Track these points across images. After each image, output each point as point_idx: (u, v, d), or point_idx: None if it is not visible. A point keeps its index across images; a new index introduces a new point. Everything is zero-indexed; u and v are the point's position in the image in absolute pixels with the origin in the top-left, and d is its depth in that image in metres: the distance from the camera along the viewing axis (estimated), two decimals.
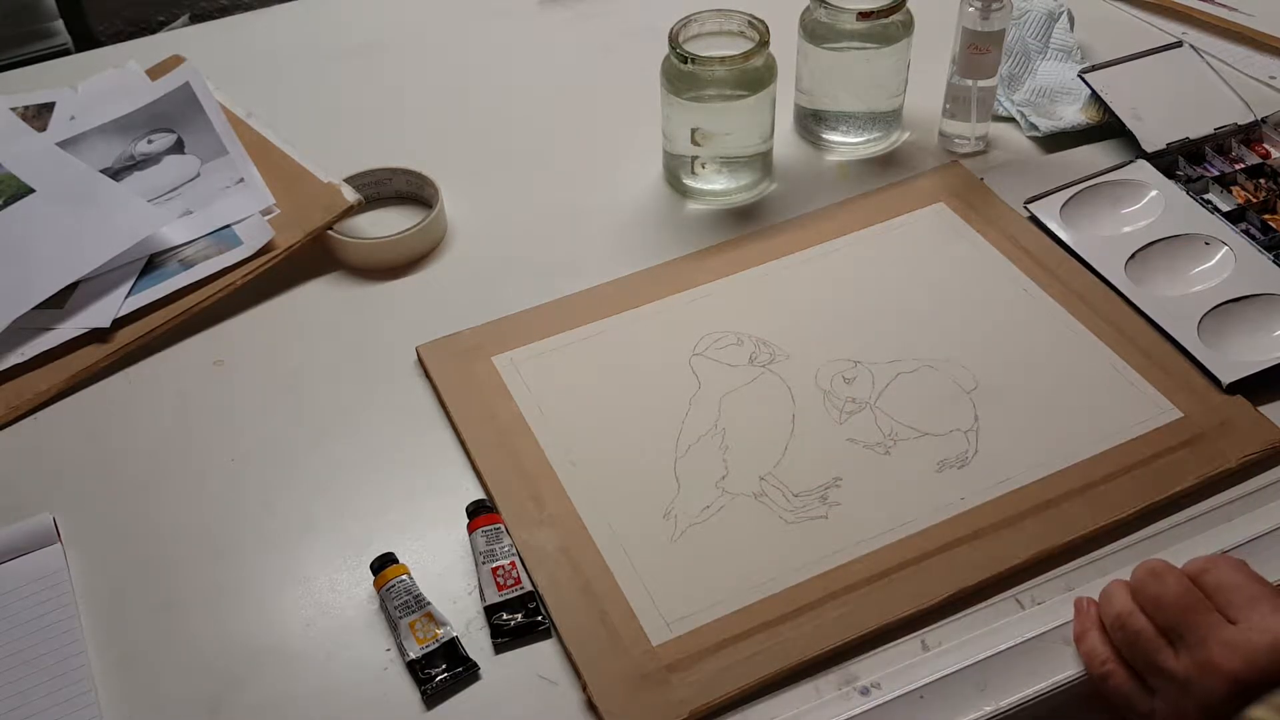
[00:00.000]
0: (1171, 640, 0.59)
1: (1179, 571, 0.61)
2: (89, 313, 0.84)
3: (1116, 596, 0.62)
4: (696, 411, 0.76)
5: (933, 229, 0.89)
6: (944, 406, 0.76)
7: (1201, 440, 0.72)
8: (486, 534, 0.69)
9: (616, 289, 0.85)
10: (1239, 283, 0.82)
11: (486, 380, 0.79)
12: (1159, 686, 0.59)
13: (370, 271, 0.89)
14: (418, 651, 0.64)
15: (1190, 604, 0.59)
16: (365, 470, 0.75)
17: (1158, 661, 0.59)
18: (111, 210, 0.90)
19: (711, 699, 0.62)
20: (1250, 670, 0.56)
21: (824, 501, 0.71)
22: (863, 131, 0.96)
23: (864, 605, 0.65)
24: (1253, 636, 0.57)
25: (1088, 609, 0.63)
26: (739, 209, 0.93)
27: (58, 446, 0.78)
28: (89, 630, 0.68)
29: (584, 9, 1.16)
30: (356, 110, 1.05)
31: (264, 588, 0.69)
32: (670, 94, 0.88)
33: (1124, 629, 0.60)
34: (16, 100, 1.03)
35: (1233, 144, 0.94)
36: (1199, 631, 0.58)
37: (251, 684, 0.65)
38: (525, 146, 1.01)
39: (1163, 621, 0.59)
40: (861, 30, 0.90)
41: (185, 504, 0.74)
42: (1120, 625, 0.61)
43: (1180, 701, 0.58)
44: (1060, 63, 1.02)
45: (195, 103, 1.00)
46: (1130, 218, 0.88)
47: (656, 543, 0.69)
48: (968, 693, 0.62)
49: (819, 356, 0.79)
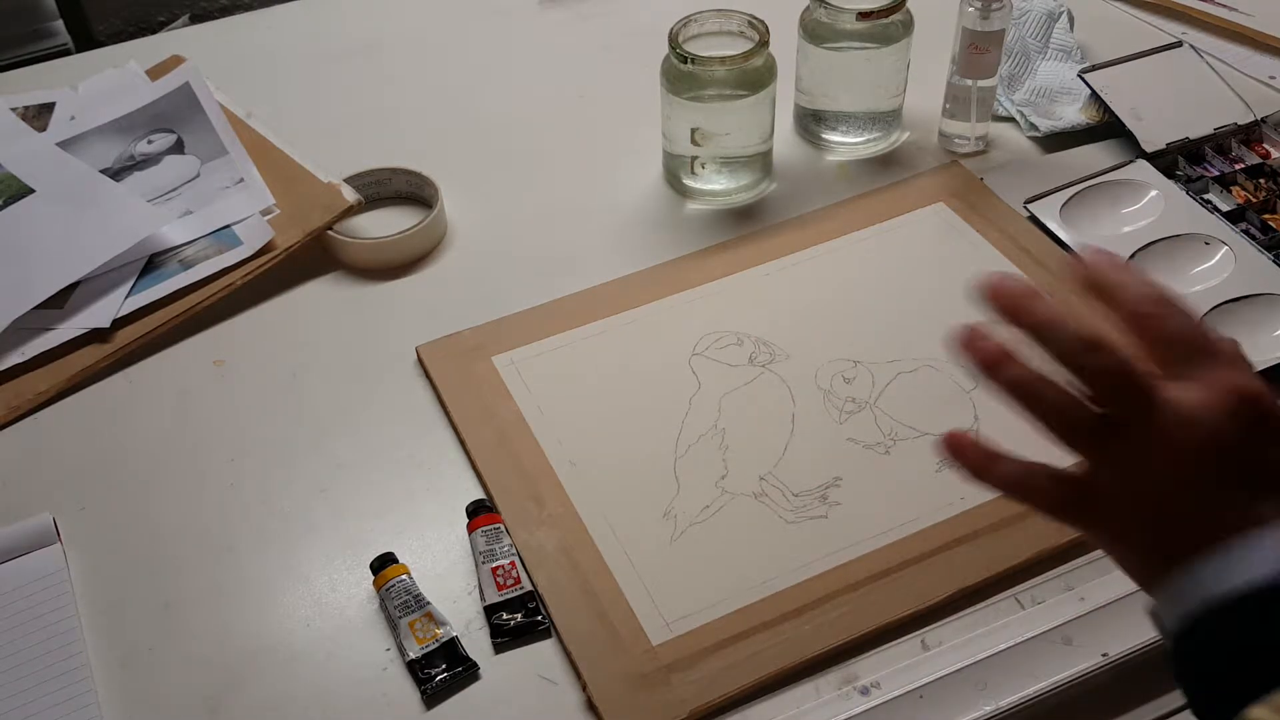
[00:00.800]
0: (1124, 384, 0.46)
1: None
2: (89, 313, 0.84)
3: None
4: (696, 411, 0.76)
5: (933, 229, 0.89)
6: (944, 406, 0.76)
7: None
8: (486, 534, 0.69)
9: (616, 289, 0.85)
10: (1239, 283, 0.82)
11: (486, 380, 0.79)
12: (1117, 440, 0.46)
13: (370, 271, 0.89)
14: (418, 651, 0.64)
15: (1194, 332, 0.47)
16: (365, 470, 0.75)
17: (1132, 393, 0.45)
18: (111, 210, 0.90)
19: (711, 699, 0.62)
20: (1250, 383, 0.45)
21: (824, 501, 0.71)
22: (863, 131, 0.96)
23: (864, 605, 0.65)
24: (1220, 373, 0.46)
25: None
26: (739, 209, 0.93)
27: (58, 446, 0.78)
28: (89, 630, 0.68)
29: (584, 9, 1.16)
30: (356, 110, 1.05)
31: (264, 588, 0.69)
32: (670, 94, 0.88)
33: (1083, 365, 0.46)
34: (16, 100, 1.03)
35: (1233, 144, 0.94)
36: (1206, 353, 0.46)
37: (251, 684, 0.65)
38: (525, 146, 1.01)
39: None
40: (861, 30, 0.90)
41: (185, 504, 0.74)
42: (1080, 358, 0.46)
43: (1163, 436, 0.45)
44: (1060, 63, 1.02)
45: (195, 103, 1.00)
46: (1130, 218, 0.88)
47: (656, 543, 0.69)
48: (968, 692, 0.62)
49: (819, 356, 0.79)
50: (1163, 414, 0.45)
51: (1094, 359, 0.46)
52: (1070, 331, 0.46)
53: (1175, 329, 0.48)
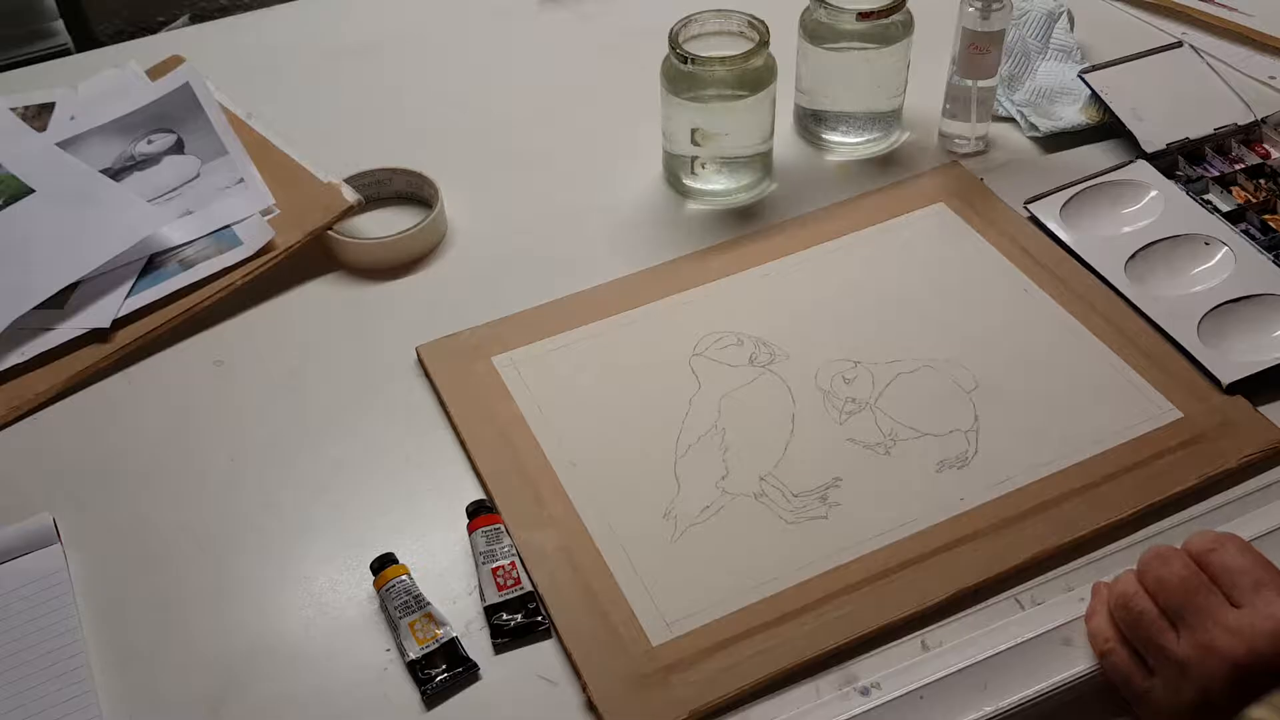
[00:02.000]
0: (1174, 623, 0.59)
1: (1184, 554, 0.61)
2: (89, 313, 0.84)
3: (1123, 579, 0.62)
4: (696, 412, 0.76)
5: (933, 229, 0.89)
6: (944, 406, 0.76)
7: (1201, 440, 0.72)
8: (486, 534, 0.69)
9: (616, 289, 0.85)
10: (1239, 283, 0.82)
11: (486, 380, 0.79)
12: (1158, 667, 0.59)
13: (370, 271, 0.89)
14: (418, 651, 0.64)
15: (1194, 586, 0.59)
16: (365, 470, 0.75)
17: (1159, 642, 0.59)
18: (111, 210, 0.90)
19: (711, 699, 0.62)
20: (1251, 656, 0.55)
21: (824, 501, 0.71)
22: (863, 131, 0.96)
23: (864, 605, 0.65)
24: (1256, 621, 0.56)
25: (1101, 592, 0.64)
26: (739, 209, 0.93)
27: (58, 446, 0.78)
28: (89, 630, 0.68)
29: (584, 9, 1.16)
30: (356, 110, 1.05)
31: (264, 588, 0.69)
32: (670, 94, 0.88)
33: (1127, 609, 0.61)
34: (16, 100, 1.03)
35: (1233, 144, 0.94)
36: (1201, 614, 0.58)
37: (251, 684, 0.65)
38: (525, 146, 1.01)
39: (1165, 603, 0.59)
40: (861, 30, 0.90)
41: (185, 504, 0.74)
42: (1123, 605, 0.61)
43: (1178, 683, 0.57)
44: (1060, 63, 1.02)
45: (195, 103, 1.00)
46: (1130, 218, 0.88)
47: (656, 543, 0.69)
48: (968, 693, 0.62)
49: (819, 356, 0.79)
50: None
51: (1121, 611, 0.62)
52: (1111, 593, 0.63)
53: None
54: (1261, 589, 0.58)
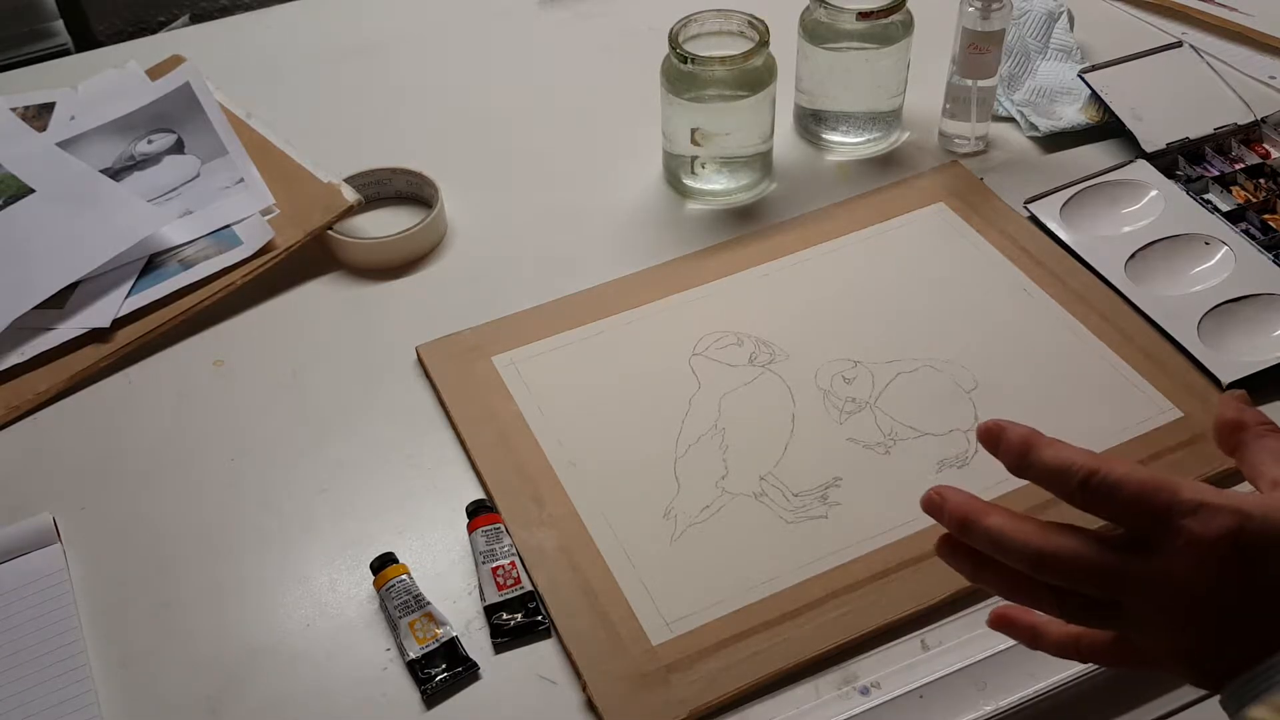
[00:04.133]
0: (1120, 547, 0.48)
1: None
2: (89, 313, 0.84)
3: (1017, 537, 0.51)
4: (696, 411, 0.76)
5: (933, 229, 0.89)
6: (944, 406, 0.76)
7: (1201, 440, 0.72)
8: (486, 534, 0.69)
9: (616, 289, 0.85)
10: (1239, 283, 0.82)
11: (486, 380, 0.79)
12: (1126, 602, 0.48)
13: (370, 271, 0.89)
14: (418, 651, 0.64)
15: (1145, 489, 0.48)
16: (365, 470, 0.75)
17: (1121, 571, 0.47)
18: (111, 210, 0.90)
19: (711, 699, 0.62)
20: (1246, 513, 0.47)
21: (824, 501, 0.71)
22: (863, 131, 0.96)
23: (864, 605, 0.65)
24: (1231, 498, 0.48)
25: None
26: (739, 209, 0.93)
27: (58, 446, 0.78)
28: (89, 630, 0.68)
29: (584, 9, 1.16)
30: (356, 110, 1.05)
31: (264, 588, 0.69)
32: (670, 94, 0.88)
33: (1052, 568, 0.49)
34: (16, 100, 1.03)
35: (1233, 144, 0.94)
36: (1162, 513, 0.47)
37: (251, 684, 0.65)
38: (525, 146, 1.01)
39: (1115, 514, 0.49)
40: (861, 30, 0.90)
41: (185, 504, 0.74)
42: (1049, 566, 0.49)
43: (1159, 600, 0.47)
44: (1060, 63, 1.02)
45: (195, 103, 1.00)
46: (1130, 218, 0.88)
47: (656, 543, 0.69)
48: (968, 693, 0.62)
49: (819, 356, 0.79)
50: (1157, 585, 0.47)
51: (1050, 572, 0.50)
52: (1021, 547, 0.51)
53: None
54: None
